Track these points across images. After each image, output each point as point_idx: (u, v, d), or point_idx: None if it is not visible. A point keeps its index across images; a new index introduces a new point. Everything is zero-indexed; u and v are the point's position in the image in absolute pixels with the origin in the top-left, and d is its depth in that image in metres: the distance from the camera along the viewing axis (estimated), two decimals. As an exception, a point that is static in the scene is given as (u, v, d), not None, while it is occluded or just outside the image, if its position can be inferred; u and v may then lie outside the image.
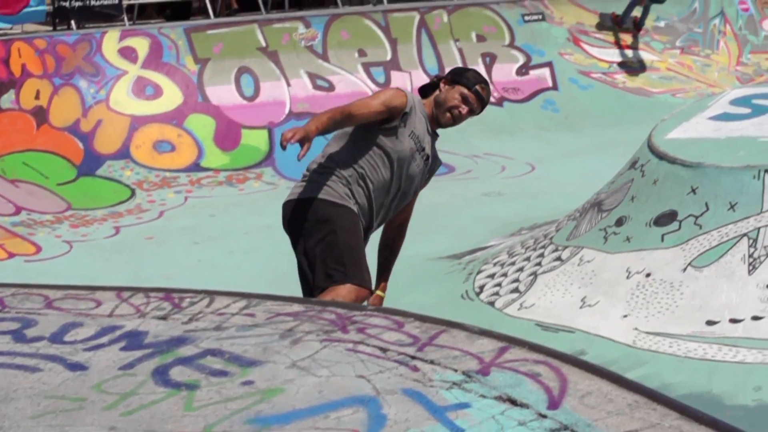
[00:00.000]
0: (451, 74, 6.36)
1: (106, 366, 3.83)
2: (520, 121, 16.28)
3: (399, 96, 6.03)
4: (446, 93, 6.20)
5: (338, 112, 5.90)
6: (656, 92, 17.83)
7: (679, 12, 19.98)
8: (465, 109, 6.17)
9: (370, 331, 3.97)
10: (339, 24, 16.71)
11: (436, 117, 6.22)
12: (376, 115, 5.94)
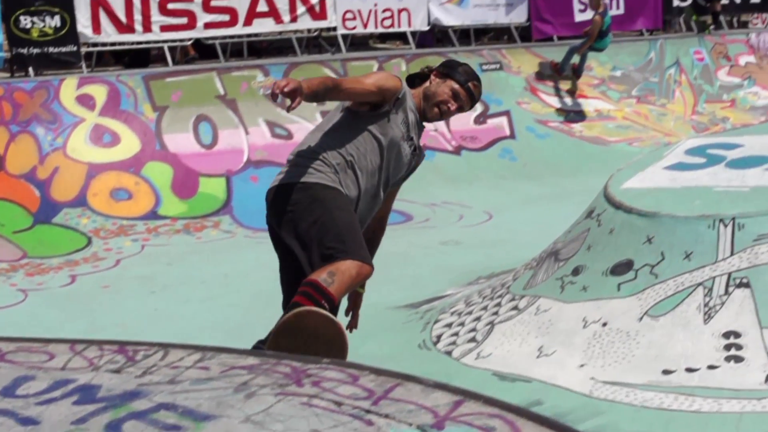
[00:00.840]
0: (443, 67, 6.11)
1: (58, 420, 3.77)
2: (478, 170, 16.34)
3: (392, 79, 5.80)
4: (436, 86, 5.98)
5: (330, 80, 5.70)
6: (613, 141, 17.97)
7: (635, 62, 20.19)
8: (454, 105, 5.98)
9: (324, 385, 3.94)
10: (298, 72, 16.73)
11: (423, 110, 5.99)
12: (367, 94, 5.70)
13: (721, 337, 6.63)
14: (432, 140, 15.95)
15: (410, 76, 6.16)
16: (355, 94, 5.67)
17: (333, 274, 5.34)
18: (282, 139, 15.79)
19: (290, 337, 5.12)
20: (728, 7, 23.66)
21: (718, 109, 20.28)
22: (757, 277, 6.75)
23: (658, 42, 20.95)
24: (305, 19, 18.24)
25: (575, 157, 17.13)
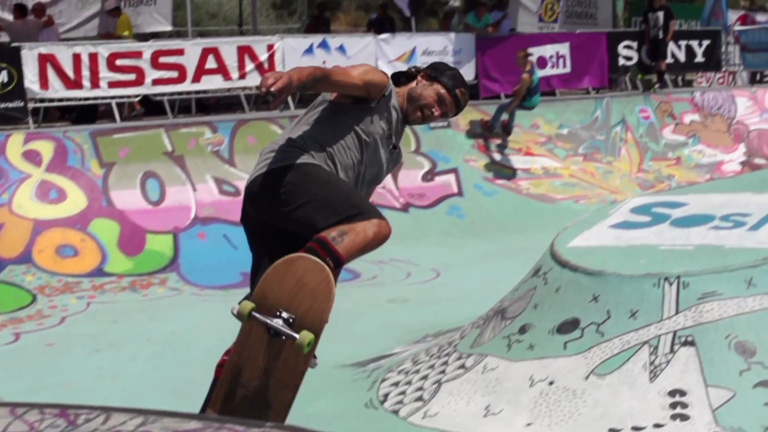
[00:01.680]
0: (431, 69, 5.84)
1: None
2: (426, 227, 16.38)
3: (379, 75, 5.52)
4: (422, 89, 5.74)
5: (319, 70, 5.27)
6: (559, 198, 18.09)
7: (581, 120, 20.36)
8: (438, 111, 5.74)
9: (268, 448, 3.91)
10: (246, 129, 16.76)
11: (405, 111, 5.73)
12: (353, 87, 5.41)
13: (667, 395, 6.65)
14: (379, 197, 15.98)
15: (396, 73, 5.91)
16: (342, 86, 5.39)
17: (344, 233, 5.08)
18: (230, 196, 15.76)
19: (277, 285, 4.93)
20: (673, 66, 24.00)
21: (664, 167, 20.48)
22: (702, 336, 6.79)
23: (604, 100, 21.17)
24: (254, 76, 18.28)
25: (522, 214, 17.22)
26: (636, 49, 23.23)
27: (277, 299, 4.86)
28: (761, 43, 25.72)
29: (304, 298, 4.86)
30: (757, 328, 6.73)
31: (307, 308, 4.85)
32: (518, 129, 19.27)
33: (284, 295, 4.87)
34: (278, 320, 4.86)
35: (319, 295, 4.88)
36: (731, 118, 22.52)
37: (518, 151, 18.95)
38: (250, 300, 4.98)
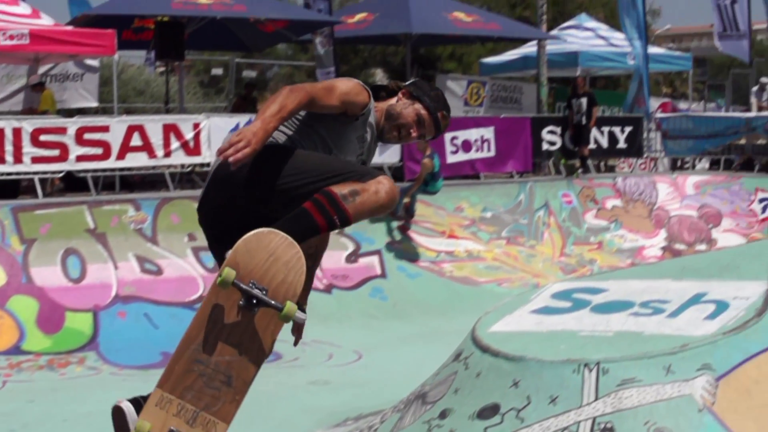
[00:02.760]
0: (413, 87, 5.44)
1: None
2: (349, 309, 16.35)
3: (360, 94, 5.14)
4: (402, 107, 5.35)
5: (292, 101, 4.75)
6: (482, 281, 18.16)
7: (505, 203, 20.53)
8: (416, 132, 5.36)
9: None
10: (169, 207, 16.69)
11: (382, 128, 5.35)
12: (330, 109, 5.03)
13: (586, 482, 6.64)
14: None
15: (376, 87, 5.47)
16: (318, 107, 4.97)
17: (356, 194, 4.78)
18: (152, 275, 15.64)
19: (249, 257, 4.70)
20: (596, 152, 24.33)
21: (586, 252, 20.67)
22: (621, 422, 6.80)
23: (527, 184, 21.37)
24: (179, 154, 18.24)
25: (445, 297, 17.26)
26: (560, 134, 23.54)
27: (249, 270, 4.68)
28: (682, 131, 26.19)
29: (278, 271, 4.70)
30: (676, 414, 6.76)
31: (280, 281, 4.69)
32: (442, 212, 19.37)
33: (257, 267, 4.70)
34: (257, 290, 4.68)
35: (292, 268, 4.73)
36: (652, 203, 22.83)
37: (442, 234, 19.03)
38: (227, 268, 4.71)
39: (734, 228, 22.46)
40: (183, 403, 4.67)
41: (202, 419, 4.66)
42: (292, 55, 48.09)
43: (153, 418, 4.63)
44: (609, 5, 50.04)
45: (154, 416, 4.64)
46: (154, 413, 4.65)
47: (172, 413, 4.65)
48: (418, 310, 16.65)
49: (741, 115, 27.63)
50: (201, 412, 4.67)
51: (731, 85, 35.08)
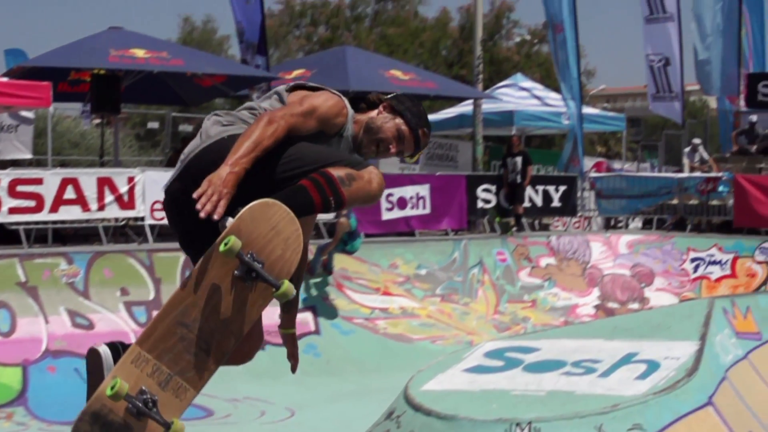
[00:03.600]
0: (395, 101, 5.21)
1: None
2: (282, 365, 16.12)
3: (339, 114, 4.99)
4: (383, 121, 5.13)
5: (270, 137, 4.59)
6: (416, 339, 18.15)
7: (439, 261, 20.59)
8: (395, 149, 5.14)
9: None
10: (102, 261, 16.55)
11: (360, 141, 5.10)
12: (307, 130, 4.82)
13: None
14: (237, 334, 15.84)
15: (355, 98, 5.26)
16: (296, 134, 4.78)
17: (352, 179, 4.66)
18: (83, 329, 15.48)
19: (252, 227, 4.51)
20: (530, 210, 24.52)
21: (520, 309, 20.75)
22: (553, 482, 6.82)
23: (462, 242, 21.46)
24: (113, 207, 18.12)
25: (379, 354, 17.23)
26: (495, 192, 23.71)
27: (251, 241, 4.50)
28: (616, 190, 26.47)
29: (277, 246, 4.55)
30: (606, 474, 6.80)
31: (278, 256, 4.54)
32: (377, 269, 19.38)
33: (258, 239, 4.53)
34: (255, 262, 4.50)
35: (290, 245, 4.58)
36: (586, 262, 23.01)
37: (376, 291, 19.02)
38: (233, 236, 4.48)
39: (666, 287, 22.67)
40: (159, 365, 4.56)
41: (175, 383, 4.57)
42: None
43: (126, 375, 4.53)
44: (544, 65, 50.71)
45: (127, 373, 4.54)
46: (128, 370, 4.55)
47: (146, 373, 4.55)
48: (352, 367, 16.60)
49: (673, 176, 27.99)
50: (175, 376, 4.56)
51: (664, 145, 35.58)
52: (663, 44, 30.30)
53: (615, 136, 53.44)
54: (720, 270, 22.87)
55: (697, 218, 25.80)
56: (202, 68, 22.01)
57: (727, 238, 23.70)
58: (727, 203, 25.32)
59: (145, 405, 4.50)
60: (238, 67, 24.51)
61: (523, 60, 54.23)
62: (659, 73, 30.43)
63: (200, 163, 4.71)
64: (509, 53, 55.38)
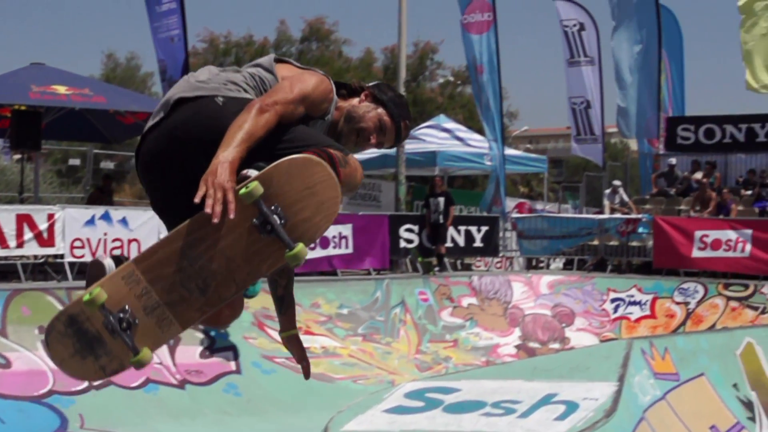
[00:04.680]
0: (377, 90, 4.94)
1: None
2: (202, 405, 16.11)
3: (326, 99, 4.74)
4: (365, 111, 4.87)
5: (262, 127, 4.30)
6: (338, 378, 18.09)
7: (361, 300, 20.57)
8: (375, 140, 4.89)
9: None
10: (20, 299, 16.31)
11: (340, 129, 4.85)
12: (296, 118, 4.53)
13: None
14: (156, 373, 15.71)
15: (337, 83, 4.93)
16: (286, 118, 4.46)
17: (347, 161, 4.45)
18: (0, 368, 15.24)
19: (286, 180, 4.21)
20: (452, 250, 24.62)
21: (441, 349, 20.77)
22: None
23: (384, 281, 21.47)
24: (32, 245, 17.91)
25: (301, 393, 17.12)
26: (417, 232, 23.79)
27: (280, 193, 4.22)
28: (537, 231, 26.70)
29: (308, 207, 4.25)
30: None
31: (305, 218, 4.23)
32: (298, 308, 19.14)
33: (289, 194, 4.23)
34: (276, 217, 4.18)
35: (323, 210, 4.28)
36: (507, 302, 23.13)
37: (298, 330, 18.93)
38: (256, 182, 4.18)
39: (587, 327, 22.84)
40: (150, 289, 4.26)
41: (160, 313, 4.27)
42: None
43: (113, 289, 4.23)
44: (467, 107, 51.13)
45: (114, 288, 4.24)
46: (116, 285, 4.25)
47: (134, 293, 4.25)
48: (273, 407, 16.49)
49: (594, 217, 28.30)
50: (163, 307, 4.27)
51: (585, 186, 35.95)
52: (584, 87, 30.75)
53: (537, 177, 53.91)
54: (640, 310, 23.12)
55: (617, 259, 26.08)
56: (125, 105, 21.88)
57: (647, 279, 23.99)
58: (646, 244, 25.64)
59: (120, 324, 4.22)
60: (160, 104, 24.37)
61: (446, 101, 54.65)
62: (581, 115, 30.86)
63: (188, 125, 4.43)
64: (433, 94, 55.80)
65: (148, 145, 4.54)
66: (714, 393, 10.15)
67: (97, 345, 4.27)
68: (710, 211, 26.14)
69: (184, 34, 22.97)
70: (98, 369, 4.30)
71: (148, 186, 4.64)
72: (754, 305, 22.29)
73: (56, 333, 4.29)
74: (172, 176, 4.48)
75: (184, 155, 4.40)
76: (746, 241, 23.59)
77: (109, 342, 4.25)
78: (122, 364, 4.27)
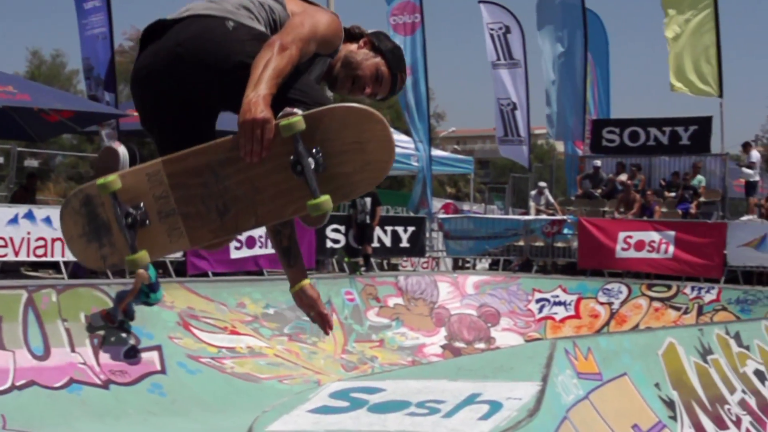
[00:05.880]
0: (377, 38, 4.76)
1: None
2: (126, 405, 15.97)
3: (336, 37, 4.55)
4: (363, 58, 4.70)
5: (287, 64, 4.09)
6: (264, 378, 18.02)
7: (287, 300, 20.37)
8: (370, 90, 4.76)
9: None
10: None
11: (336, 75, 4.71)
12: (307, 56, 4.37)
13: None
14: (79, 373, 15.59)
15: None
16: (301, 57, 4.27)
17: None
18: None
19: (337, 127, 3.98)
20: (379, 251, 24.65)
21: (367, 349, 20.79)
22: None
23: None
24: (-47, 244, 17.71)
25: (226, 393, 17.05)
26: (344, 232, 23.80)
27: (327, 139, 4.00)
28: (463, 231, 26.85)
29: (351, 162, 4.01)
30: None
31: (345, 173, 4.00)
32: (224, 308, 19.24)
33: (337, 143, 4.00)
34: (312, 160, 3.94)
35: (367, 171, 4.02)
36: (433, 302, 23.22)
37: (224, 330, 18.85)
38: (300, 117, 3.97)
39: (512, 327, 23.00)
40: (170, 195, 4.07)
41: (173, 222, 4.08)
42: (77, 145, 47.45)
43: (133, 183, 4.09)
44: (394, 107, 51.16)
45: (136, 182, 4.09)
46: (138, 180, 4.10)
47: (154, 193, 4.08)
48: (198, 407, 16.39)
49: (520, 218, 28.52)
50: (177, 216, 4.08)
51: (511, 187, 36.18)
52: (510, 89, 30.93)
53: (464, 178, 54.12)
54: (564, 311, 23.33)
55: (542, 260, 26.30)
56: (49, 104, 21.65)
57: (572, 279, 24.21)
58: (571, 245, 25.88)
59: (125, 218, 4.07)
60: (85, 103, 24.18)
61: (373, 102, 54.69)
62: (508, 117, 31.05)
63: (192, 44, 4.23)
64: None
65: (146, 59, 4.35)
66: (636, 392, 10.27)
67: (104, 233, 4.15)
68: (634, 212, 26.44)
69: (110, 32, 22.77)
70: (99, 257, 4.19)
71: (139, 102, 4.45)
72: (677, 306, 22.59)
73: (71, 209, 4.20)
74: (166, 95, 4.30)
75: (183, 75, 4.22)
76: (669, 243, 23.90)
77: (116, 234, 4.12)
78: (122, 260, 4.14)
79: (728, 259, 23.40)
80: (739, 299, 22.22)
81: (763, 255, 23.09)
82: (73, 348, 16.30)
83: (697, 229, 24.18)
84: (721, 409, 11.52)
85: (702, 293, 22.69)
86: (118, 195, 4.07)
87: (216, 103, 4.35)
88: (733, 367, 12.51)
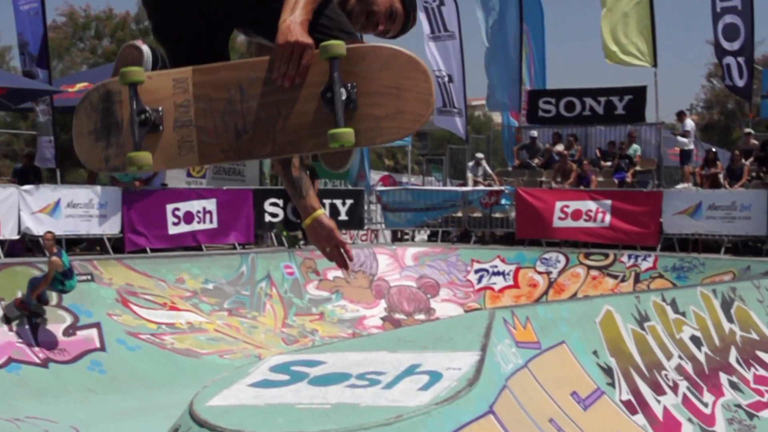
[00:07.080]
0: None
1: None
2: (66, 383, 15.90)
3: None
4: None
5: None
6: (204, 353, 18.01)
7: (227, 275, 20.50)
8: (382, 27, 4.56)
9: None
10: None
11: (351, 9, 4.49)
12: None
13: None
14: (17, 352, 15.49)
15: None
16: None
17: None
18: None
19: (378, 66, 3.82)
20: (318, 224, 24.60)
21: (308, 322, 20.83)
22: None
23: (249, 256, 21.43)
24: None
25: (167, 369, 17.02)
26: (282, 206, 23.75)
27: (363, 77, 3.83)
28: (402, 203, 26.88)
29: (385, 106, 3.83)
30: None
31: (375, 115, 3.83)
32: (163, 284, 19.17)
33: (374, 83, 3.83)
34: (344, 92, 3.77)
35: (398, 120, 3.82)
36: (373, 274, 23.27)
37: (163, 306, 18.80)
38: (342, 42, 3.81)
39: (452, 298, 23.12)
40: (191, 105, 3.92)
41: (187, 133, 3.93)
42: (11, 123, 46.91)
43: (158, 85, 3.94)
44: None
45: (161, 85, 3.95)
46: (164, 83, 3.95)
47: (175, 101, 3.93)
48: (139, 384, 16.36)
49: (458, 189, 28.61)
50: (193, 127, 3.92)
51: (449, 159, 36.25)
52: (446, 61, 30.94)
53: (402, 150, 54.19)
54: (503, 281, 23.49)
55: (480, 230, 26.41)
56: (-19, 80, 21.40)
57: (510, 249, 24.35)
58: (509, 216, 26.02)
59: (140, 114, 3.90)
60: (18, 79, 23.91)
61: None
62: (444, 88, 31.05)
63: None
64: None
65: None
66: (574, 360, 10.35)
67: (114, 132, 4.00)
68: (571, 182, 26.61)
69: (43, 7, 22.52)
70: (103, 158, 4.04)
71: (153, 7, 4.27)
72: (614, 274, 22.82)
73: (88, 103, 4.07)
74: (192, 4, 4.15)
75: None
76: (606, 212, 24.10)
77: (125, 134, 3.96)
78: (124, 163, 3.97)
79: (664, 227, 23.65)
80: (675, 266, 22.48)
81: (698, 222, 23.35)
82: (11, 327, 16.19)
83: (633, 198, 24.41)
84: (659, 374, 11.65)
85: (639, 261, 22.93)
86: (139, 91, 3.92)
87: (241, 21, 4.18)
88: (669, 334, 12.64)
